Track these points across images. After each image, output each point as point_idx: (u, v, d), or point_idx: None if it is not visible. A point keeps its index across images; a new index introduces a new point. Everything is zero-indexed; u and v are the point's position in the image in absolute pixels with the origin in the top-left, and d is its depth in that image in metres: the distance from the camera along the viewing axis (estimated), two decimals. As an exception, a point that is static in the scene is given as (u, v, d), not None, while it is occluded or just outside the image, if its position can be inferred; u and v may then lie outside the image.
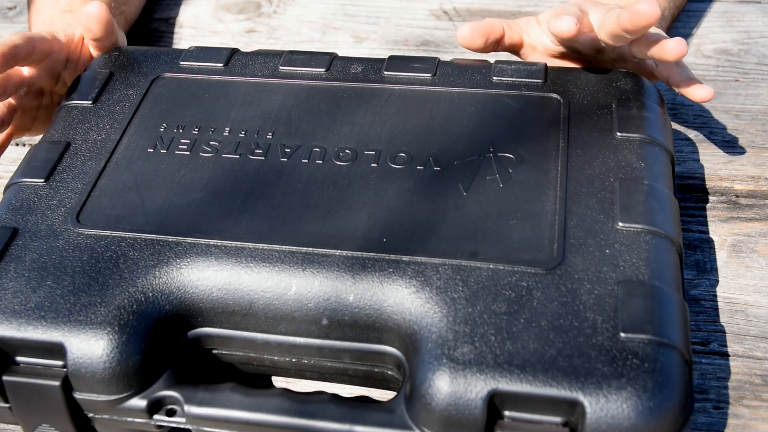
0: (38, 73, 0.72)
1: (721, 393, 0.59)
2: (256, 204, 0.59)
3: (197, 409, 0.52)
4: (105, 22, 0.71)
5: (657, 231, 0.55)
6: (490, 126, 0.64)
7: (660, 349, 0.49)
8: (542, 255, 0.54)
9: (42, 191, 0.61)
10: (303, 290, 0.54)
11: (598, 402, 0.47)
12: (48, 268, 0.56)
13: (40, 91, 0.75)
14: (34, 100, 0.75)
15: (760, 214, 0.71)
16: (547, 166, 0.60)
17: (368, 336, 0.54)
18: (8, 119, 0.72)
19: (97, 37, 0.72)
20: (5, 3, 1.03)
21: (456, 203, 0.58)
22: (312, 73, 0.70)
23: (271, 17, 0.97)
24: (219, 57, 0.72)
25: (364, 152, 0.62)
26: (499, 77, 0.68)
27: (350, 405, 0.52)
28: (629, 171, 0.59)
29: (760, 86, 0.83)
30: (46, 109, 0.77)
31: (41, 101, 0.76)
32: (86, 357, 0.52)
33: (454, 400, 0.48)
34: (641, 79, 0.67)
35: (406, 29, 0.93)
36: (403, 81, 0.68)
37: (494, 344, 0.50)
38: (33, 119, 0.76)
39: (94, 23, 0.71)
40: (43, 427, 0.55)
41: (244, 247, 0.56)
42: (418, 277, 0.53)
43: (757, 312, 0.63)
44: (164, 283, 0.55)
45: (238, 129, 0.65)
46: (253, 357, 0.57)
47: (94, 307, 0.53)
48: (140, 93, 0.69)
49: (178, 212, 0.59)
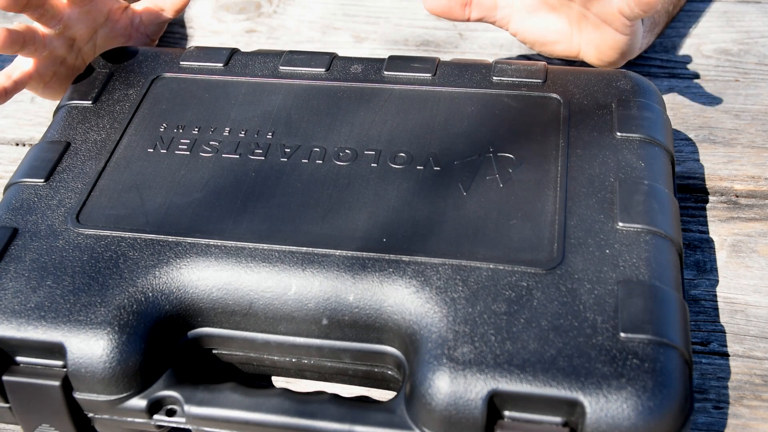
0: (77, 17, 0.72)
1: (721, 393, 0.59)
2: (256, 204, 0.59)
3: (197, 409, 0.52)
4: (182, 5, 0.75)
5: (657, 231, 0.55)
6: (490, 126, 0.64)
7: (660, 349, 0.49)
8: (542, 255, 0.54)
9: (42, 191, 0.61)
10: (303, 290, 0.54)
11: (598, 402, 0.47)
12: (48, 268, 0.56)
13: (71, 41, 0.73)
14: (63, 48, 0.73)
15: (760, 214, 0.71)
16: (547, 166, 0.60)
17: (368, 336, 0.54)
18: (36, 42, 0.69)
19: (169, 16, 0.76)
20: (5, 3, 1.02)
21: (456, 203, 0.58)
22: (312, 73, 0.70)
23: (271, 17, 0.97)
24: (219, 57, 0.72)
25: (364, 152, 0.62)
26: (499, 77, 0.68)
27: (350, 405, 0.52)
28: (629, 171, 0.59)
29: (760, 86, 0.83)
30: (67, 69, 0.75)
31: (67, 55, 0.74)
32: (86, 357, 0.52)
33: (454, 400, 0.48)
34: (641, 79, 0.67)
35: (406, 29, 0.93)
36: (403, 81, 0.68)
37: (494, 344, 0.50)
38: (53, 74, 0.73)
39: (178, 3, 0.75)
40: (43, 427, 0.55)
41: (244, 247, 0.56)
42: (418, 277, 0.53)
43: (757, 312, 0.63)
44: (164, 283, 0.55)
45: (238, 129, 0.65)
46: (253, 357, 0.57)
47: (94, 307, 0.53)
48: (140, 93, 0.69)
49: (178, 212, 0.59)
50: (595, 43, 0.72)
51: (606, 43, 0.71)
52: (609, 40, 0.71)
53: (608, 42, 0.71)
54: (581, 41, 0.73)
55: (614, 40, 0.70)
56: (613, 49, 0.71)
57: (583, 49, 0.73)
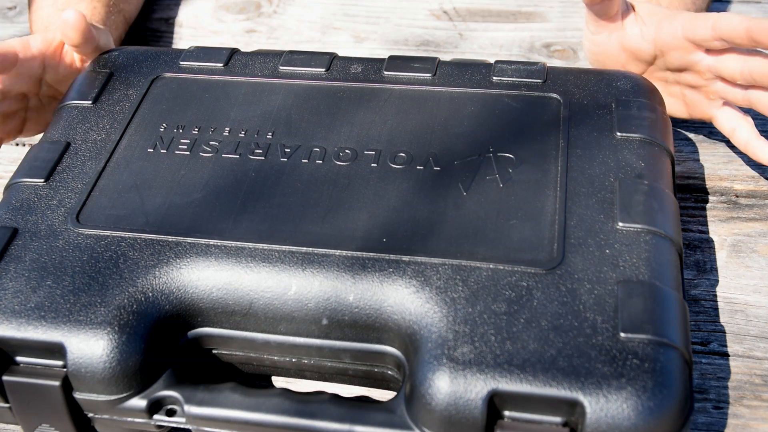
0: (10, 80, 0.72)
1: (721, 393, 0.59)
2: (256, 204, 0.59)
3: (197, 409, 0.52)
4: (81, 30, 0.70)
5: (657, 231, 0.55)
6: (490, 126, 0.64)
7: (660, 349, 0.49)
8: (542, 255, 0.54)
9: (42, 191, 0.61)
10: (303, 290, 0.54)
11: (598, 402, 0.47)
12: (48, 268, 0.56)
13: (22, 96, 0.75)
14: (17, 104, 0.74)
15: (760, 214, 0.70)
16: (547, 166, 0.60)
17: (368, 336, 0.54)
18: None
19: (75, 44, 0.72)
20: (5, 3, 1.03)
21: (456, 203, 0.58)
22: (312, 73, 0.70)
23: (271, 17, 0.97)
24: (219, 57, 0.72)
25: (364, 152, 0.62)
26: (499, 77, 0.68)
27: (350, 405, 0.52)
28: (629, 171, 0.59)
29: (760, 86, 0.83)
30: (36, 111, 0.76)
31: (27, 104, 0.75)
32: (86, 357, 0.52)
33: (454, 400, 0.48)
34: (641, 79, 0.67)
35: (406, 29, 0.93)
36: (403, 81, 0.68)
37: (494, 344, 0.50)
38: (21, 122, 0.76)
39: (70, 30, 0.70)
40: (43, 427, 0.55)
41: (244, 247, 0.56)
42: (418, 277, 0.53)
43: (757, 312, 0.63)
44: (164, 283, 0.55)
45: (238, 129, 0.65)
46: (253, 357, 0.57)
47: (94, 307, 0.53)
48: (140, 93, 0.69)
49: (178, 212, 0.59)
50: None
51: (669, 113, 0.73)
52: (674, 112, 0.74)
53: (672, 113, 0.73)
54: None
55: (676, 115, 0.74)
56: None
57: None
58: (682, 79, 0.71)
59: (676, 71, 0.70)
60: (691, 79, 0.70)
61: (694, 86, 0.70)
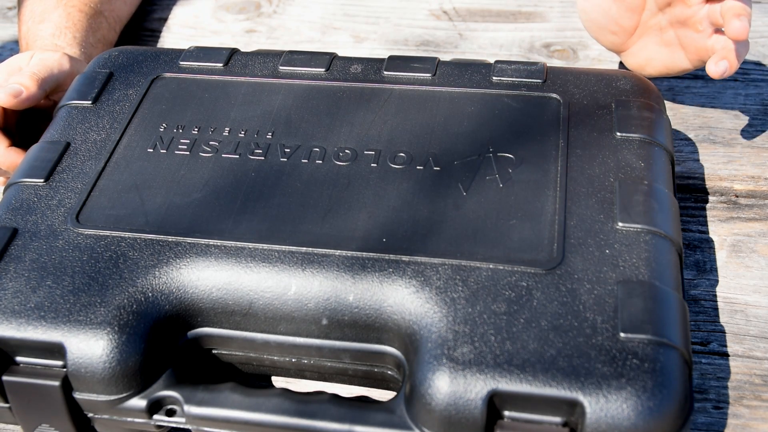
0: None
1: (721, 393, 0.59)
2: (256, 204, 0.59)
3: (197, 409, 0.52)
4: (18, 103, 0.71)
5: (657, 231, 0.55)
6: (489, 126, 0.64)
7: (660, 349, 0.49)
8: (542, 255, 0.54)
9: (42, 191, 0.61)
10: (303, 290, 0.54)
11: (597, 402, 0.47)
12: (48, 268, 0.56)
13: None
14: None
15: (760, 214, 0.71)
16: (547, 166, 0.60)
17: (368, 336, 0.54)
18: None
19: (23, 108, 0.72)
20: (5, 3, 1.03)
21: (456, 203, 0.58)
22: (312, 73, 0.70)
23: (271, 17, 0.97)
24: (219, 57, 0.72)
25: (363, 152, 0.62)
26: (499, 77, 0.68)
27: (350, 405, 0.52)
28: (629, 171, 0.59)
29: (760, 86, 0.83)
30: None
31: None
32: (86, 357, 0.52)
33: (454, 400, 0.48)
34: (641, 79, 0.67)
35: (406, 29, 0.93)
36: (402, 81, 0.68)
37: (494, 344, 0.50)
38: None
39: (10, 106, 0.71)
40: (43, 427, 0.55)
41: (244, 247, 0.56)
42: (418, 277, 0.53)
43: (757, 312, 0.63)
44: (164, 283, 0.55)
45: (238, 129, 0.65)
46: (253, 357, 0.57)
47: (94, 307, 0.53)
48: (140, 93, 0.69)
49: (178, 212, 0.59)
50: (663, 61, 0.74)
51: (673, 67, 0.73)
52: (678, 63, 0.73)
53: (676, 66, 0.73)
54: (648, 53, 0.75)
55: (682, 67, 0.73)
56: (673, 71, 0.74)
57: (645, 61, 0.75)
58: (673, 16, 0.71)
59: (666, 6, 0.71)
60: (679, 12, 0.70)
61: (683, 22, 0.70)
